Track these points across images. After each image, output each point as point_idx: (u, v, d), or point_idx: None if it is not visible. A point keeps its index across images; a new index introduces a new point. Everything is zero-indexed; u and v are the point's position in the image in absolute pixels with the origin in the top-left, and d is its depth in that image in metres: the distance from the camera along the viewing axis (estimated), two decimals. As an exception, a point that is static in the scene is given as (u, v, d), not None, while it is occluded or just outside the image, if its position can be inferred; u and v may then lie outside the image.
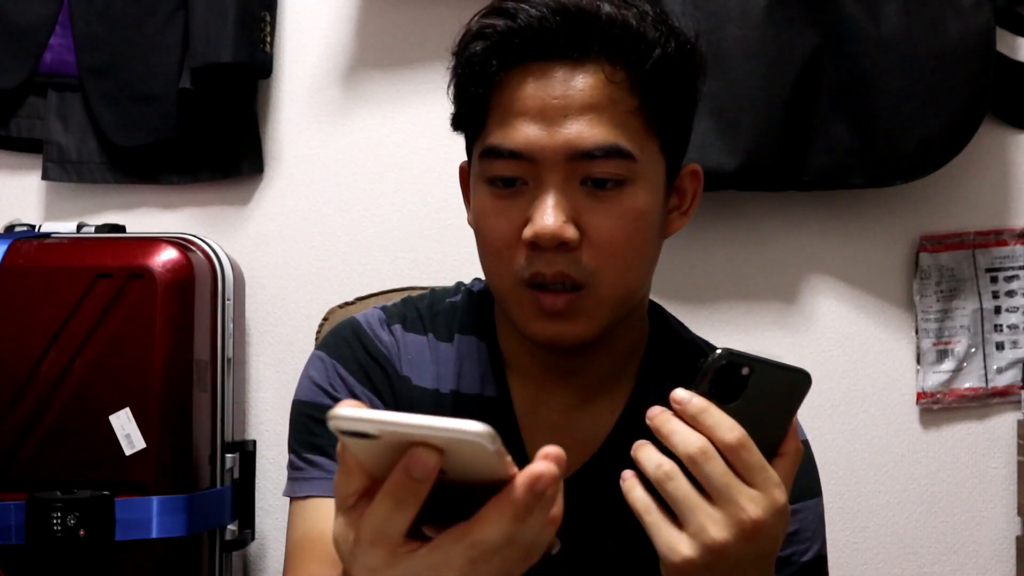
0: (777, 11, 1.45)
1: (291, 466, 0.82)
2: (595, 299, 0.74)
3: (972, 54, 1.44)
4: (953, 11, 1.43)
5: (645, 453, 0.56)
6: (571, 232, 0.71)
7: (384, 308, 0.87)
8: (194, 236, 1.53)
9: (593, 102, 0.72)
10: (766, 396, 0.56)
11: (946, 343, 1.56)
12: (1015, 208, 1.58)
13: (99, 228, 1.54)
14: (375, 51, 1.65)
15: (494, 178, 0.74)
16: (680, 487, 0.54)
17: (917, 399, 1.58)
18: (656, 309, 0.89)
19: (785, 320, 1.60)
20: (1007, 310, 1.56)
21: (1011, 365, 1.55)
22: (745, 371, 0.55)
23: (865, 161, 1.47)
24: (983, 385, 1.56)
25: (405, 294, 0.99)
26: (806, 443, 0.83)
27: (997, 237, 1.57)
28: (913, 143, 1.45)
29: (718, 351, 0.54)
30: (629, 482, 0.57)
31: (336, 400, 0.79)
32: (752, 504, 0.54)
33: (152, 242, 1.44)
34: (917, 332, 1.57)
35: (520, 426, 0.81)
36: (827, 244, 1.59)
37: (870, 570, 1.58)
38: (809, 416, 1.57)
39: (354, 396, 0.81)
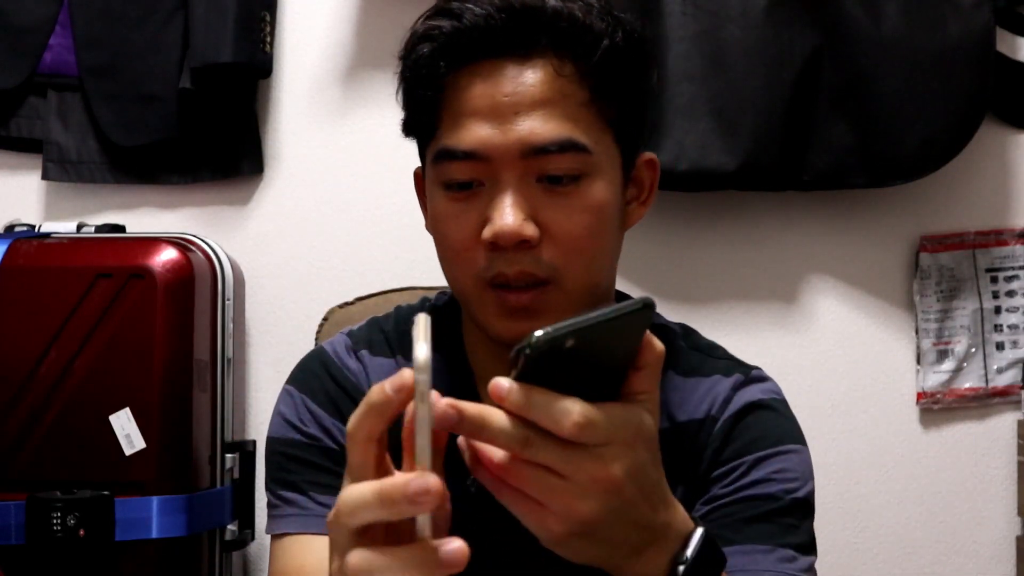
0: (777, 11, 1.45)
1: (269, 504, 0.82)
2: (560, 295, 0.73)
3: (972, 54, 1.44)
4: (953, 11, 1.43)
5: (484, 449, 0.50)
6: (530, 230, 0.71)
7: (350, 333, 0.87)
8: (194, 236, 1.53)
9: (544, 97, 0.71)
10: (605, 346, 0.49)
11: (946, 343, 1.56)
12: (1015, 208, 1.58)
13: (99, 228, 1.53)
14: (375, 51, 1.65)
15: (450, 182, 0.74)
16: (525, 476, 0.49)
17: (917, 399, 1.57)
18: (621, 297, 0.88)
19: (785, 320, 1.60)
20: (1007, 310, 1.56)
21: (1011, 365, 1.55)
22: (570, 343, 0.47)
23: (865, 161, 1.47)
24: (983, 385, 1.56)
25: (405, 294, 0.99)
26: (782, 401, 0.82)
27: (997, 237, 1.57)
28: (913, 143, 1.45)
29: (533, 337, 0.45)
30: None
31: (307, 435, 0.80)
32: (605, 464, 0.49)
33: (152, 242, 1.44)
34: (917, 332, 1.57)
35: None
36: (827, 244, 1.59)
37: (870, 570, 1.58)
38: (809, 416, 1.57)
39: (324, 428, 0.81)
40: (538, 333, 0.45)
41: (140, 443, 1.37)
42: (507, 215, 0.70)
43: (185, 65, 1.57)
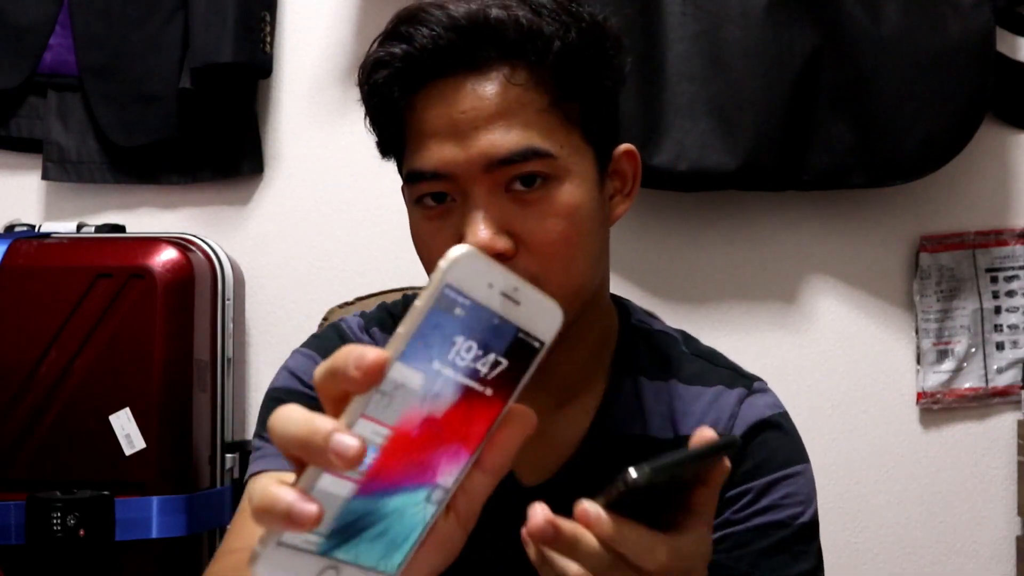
0: (777, 11, 1.45)
1: (252, 450, 0.82)
2: None
3: (972, 54, 1.44)
4: (953, 11, 1.43)
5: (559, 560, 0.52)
6: (503, 243, 0.71)
7: (363, 314, 0.88)
8: (194, 236, 1.53)
9: (500, 109, 0.71)
10: (689, 475, 0.52)
11: (946, 343, 1.56)
12: (1015, 208, 1.58)
13: (99, 228, 1.54)
14: (375, 51, 1.65)
15: (421, 196, 0.74)
16: None
17: (917, 399, 1.57)
18: (619, 302, 0.88)
19: (785, 320, 1.60)
20: (1007, 310, 1.56)
21: (1011, 365, 1.55)
22: (662, 478, 0.49)
23: (865, 161, 1.47)
24: (983, 385, 1.56)
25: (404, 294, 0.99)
26: (785, 414, 0.82)
27: (997, 237, 1.57)
28: (913, 143, 1.45)
29: (631, 476, 0.47)
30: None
31: (310, 388, 0.80)
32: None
33: (152, 242, 1.44)
34: (917, 332, 1.57)
35: None
36: (827, 244, 1.59)
37: (870, 570, 1.58)
38: (809, 416, 1.57)
39: None
40: (634, 474, 0.48)
41: (140, 443, 1.37)
42: (479, 231, 0.70)
43: (185, 65, 1.57)
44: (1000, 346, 1.56)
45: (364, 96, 0.78)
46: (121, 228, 1.55)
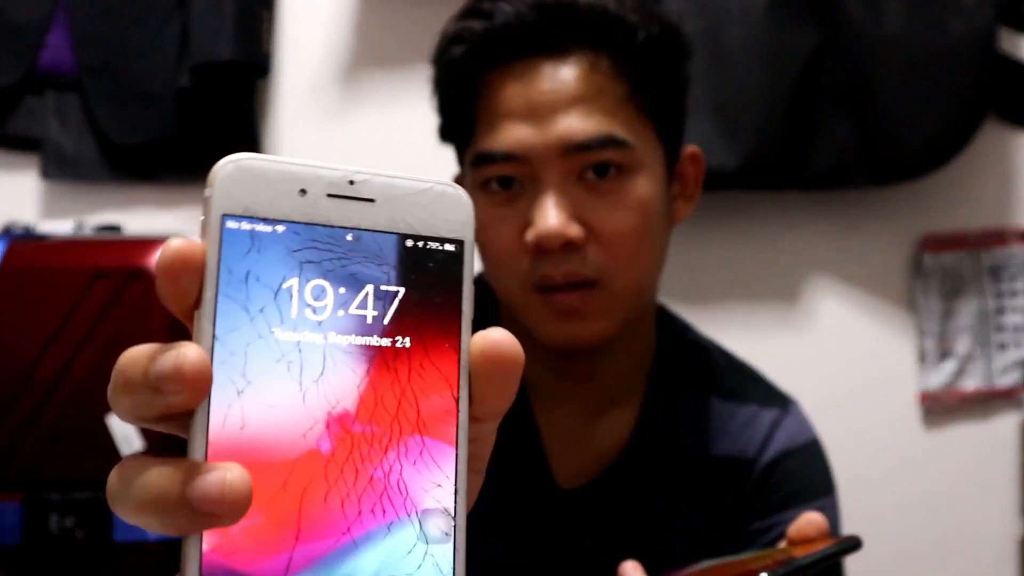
0: (778, 10, 1.45)
1: None
2: (608, 295, 0.72)
3: (974, 53, 1.43)
4: (955, 10, 1.43)
5: None
6: (575, 230, 0.69)
7: None
8: (192, 236, 1.52)
9: (581, 94, 0.70)
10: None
11: (949, 343, 1.56)
12: (1018, 208, 1.57)
13: (96, 229, 1.53)
14: (375, 50, 1.64)
15: (488, 180, 0.72)
16: None
17: (919, 400, 1.57)
18: (661, 311, 0.87)
19: (786, 320, 1.59)
20: (1010, 310, 1.55)
21: (1014, 365, 1.55)
22: None
23: (867, 160, 1.46)
24: (986, 386, 1.55)
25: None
26: (815, 441, 0.82)
27: (1000, 237, 1.56)
28: (915, 142, 1.44)
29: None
30: None
31: None
32: None
33: (150, 243, 1.43)
34: (919, 332, 1.57)
35: (541, 437, 0.79)
36: (828, 244, 1.59)
37: (870, 571, 1.58)
38: (811, 417, 1.56)
39: None
40: None
41: (138, 444, 1.37)
42: (550, 216, 0.68)
43: (183, 63, 1.56)
44: (1003, 346, 1.55)
45: (436, 73, 0.76)
46: (118, 228, 1.55)
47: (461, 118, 0.74)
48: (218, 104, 1.60)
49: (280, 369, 0.27)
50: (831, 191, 1.53)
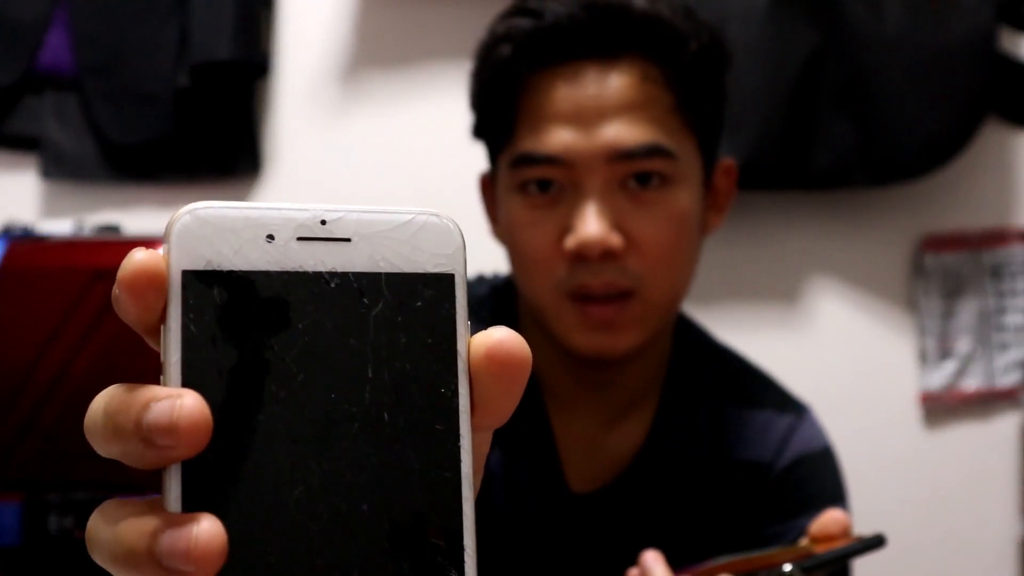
0: (779, 10, 1.44)
1: None
2: (644, 306, 0.71)
3: (975, 53, 1.43)
4: (955, 10, 1.43)
5: None
6: (616, 240, 0.68)
7: None
8: (192, 236, 1.52)
9: (630, 101, 0.68)
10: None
11: (949, 343, 1.55)
12: (1019, 207, 1.57)
13: (96, 229, 1.53)
14: (375, 50, 1.64)
15: (527, 182, 0.70)
16: None
17: (920, 399, 1.57)
18: (678, 316, 0.86)
19: (786, 320, 1.59)
20: (1011, 310, 1.55)
21: (1015, 365, 1.55)
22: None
23: (867, 160, 1.46)
24: (986, 386, 1.55)
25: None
26: (829, 449, 0.82)
27: (1001, 236, 1.56)
28: (916, 142, 1.44)
29: (787, 568, 0.52)
30: None
31: None
32: None
33: (150, 243, 1.43)
34: (920, 332, 1.56)
35: (556, 441, 0.78)
36: (829, 243, 1.58)
37: (870, 570, 1.57)
38: (811, 417, 1.56)
39: None
40: (788, 568, 0.52)
41: (137, 444, 1.37)
42: (592, 224, 0.67)
43: (183, 63, 1.56)
44: (1004, 346, 1.55)
45: (479, 71, 0.73)
46: (116, 229, 1.54)
47: (502, 117, 0.72)
48: (218, 104, 1.59)
49: (259, 424, 0.25)
50: (831, 191, 1.52)
